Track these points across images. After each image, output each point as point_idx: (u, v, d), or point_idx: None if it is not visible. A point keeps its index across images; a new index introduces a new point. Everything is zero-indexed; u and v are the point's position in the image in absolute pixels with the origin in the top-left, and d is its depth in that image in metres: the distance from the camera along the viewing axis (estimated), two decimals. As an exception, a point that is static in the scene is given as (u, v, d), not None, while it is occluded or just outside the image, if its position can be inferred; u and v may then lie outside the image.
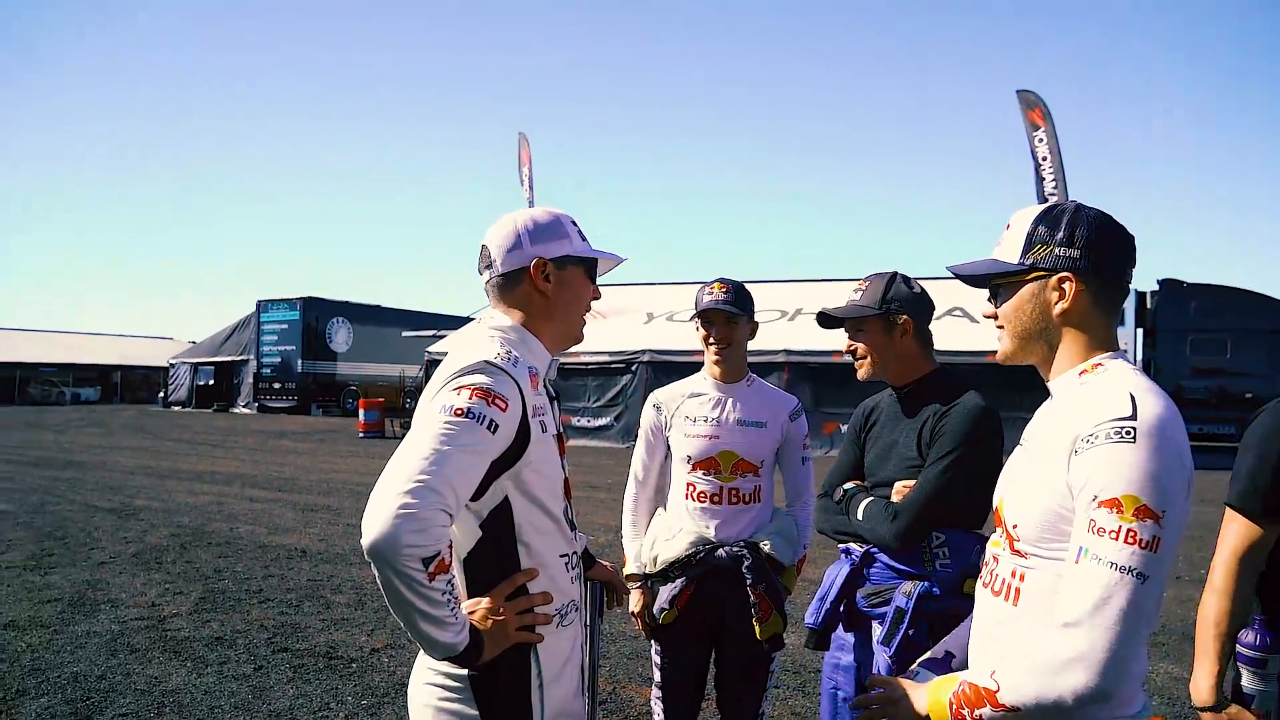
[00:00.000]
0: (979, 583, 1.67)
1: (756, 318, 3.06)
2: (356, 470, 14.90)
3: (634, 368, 19.81)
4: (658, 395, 3.09)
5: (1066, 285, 1.53)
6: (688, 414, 2.98)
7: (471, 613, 1.70)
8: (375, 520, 1.52)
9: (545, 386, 1.86)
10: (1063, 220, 1.55)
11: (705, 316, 2.95)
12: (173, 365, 40.49)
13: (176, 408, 38.43)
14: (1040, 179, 21.38)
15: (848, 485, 2.63)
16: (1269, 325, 19.34)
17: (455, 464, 1.58)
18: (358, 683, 4.62)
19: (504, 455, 1.69)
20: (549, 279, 1.90)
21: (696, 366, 3.13)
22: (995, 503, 1.67)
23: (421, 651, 1.82)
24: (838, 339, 2.76)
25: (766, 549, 2.88)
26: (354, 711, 4.25)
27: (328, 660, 4.95)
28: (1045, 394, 1.64)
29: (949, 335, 16.94)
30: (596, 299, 2.03)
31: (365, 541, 1.53)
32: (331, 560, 7.58)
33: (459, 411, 1.63)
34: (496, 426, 1.65)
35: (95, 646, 5.08)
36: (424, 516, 1.52)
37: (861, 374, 2.61)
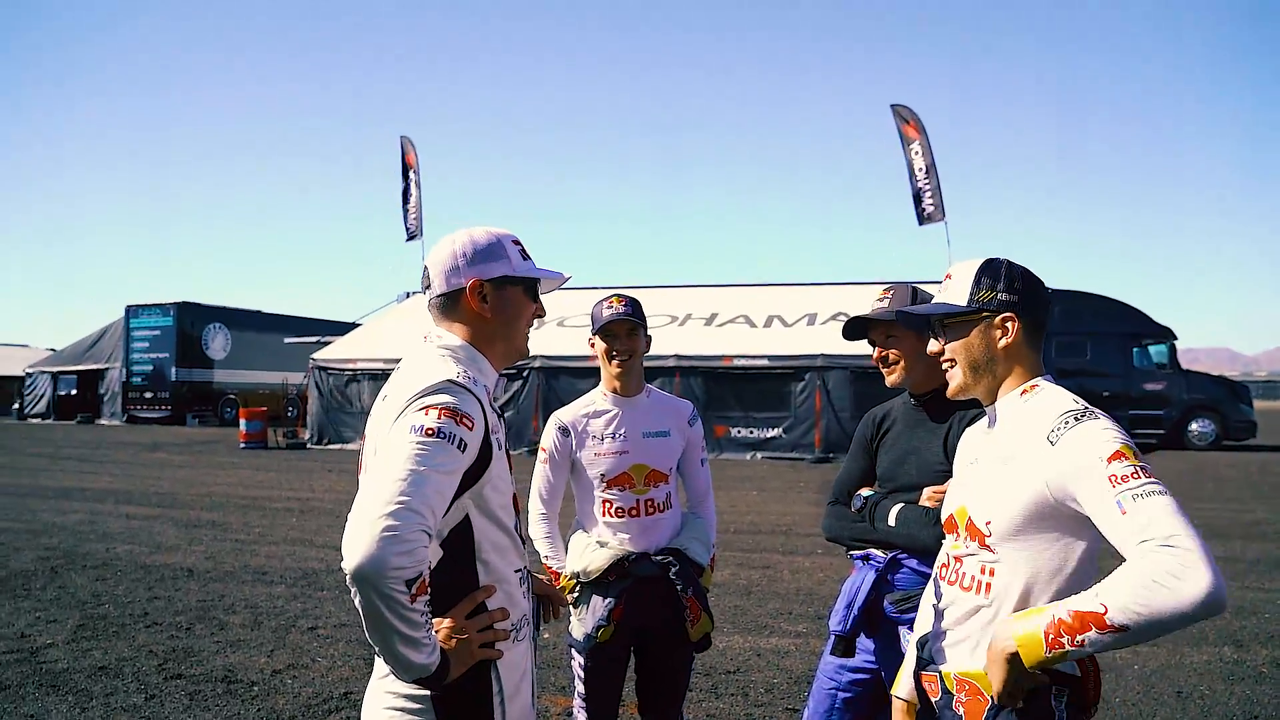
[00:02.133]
0: (939, 581, 1.94)
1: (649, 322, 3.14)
2: (240, 482, 14.26)
3: (525, 374, 19.66)
4: (561, 418, 3.07)
5: (1009, 324, 1.84)
6: (594, 433, 3.01)
7: (435, 632, 1.67)
8: (359, 544, 1.50)
9: (493, 404, 1.86)
10: (1000, 271, 1.87)
11: (608, 330, 2.97)
12: (29, 374, 37.83)
13: (35, 419, 35.94)
14: (917, 189, 22.34)
15: (865, 492, 2.67)
16: (1122, 329, 20.99)
17: (432, 484, 1.58)
18: (260, 706, 4.42)
19: (469, 473, 1.69)
20: (486, 300, 1.91)
21: (587, 372, 3.19)
22: (950, 511, 1.94)
23: (375, 675, 1.79)
24: (725, 344, 2.83)
25: (687, 553, 2.98)
26: (259, 738, 4.07)
27: (226, 685, 4.71)
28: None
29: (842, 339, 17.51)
30: (540, 316, 2.04)
31: (349, 565, 1.50)
32: (222, 579, 7.23)
33: (429, 431, 1.62)
34: (465, 445, 1.66)
35: (-39, 683, 4.69)
36: (408, 538, 1.51)
37: (892, 380, 2.66)
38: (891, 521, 2.52)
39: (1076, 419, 1.66)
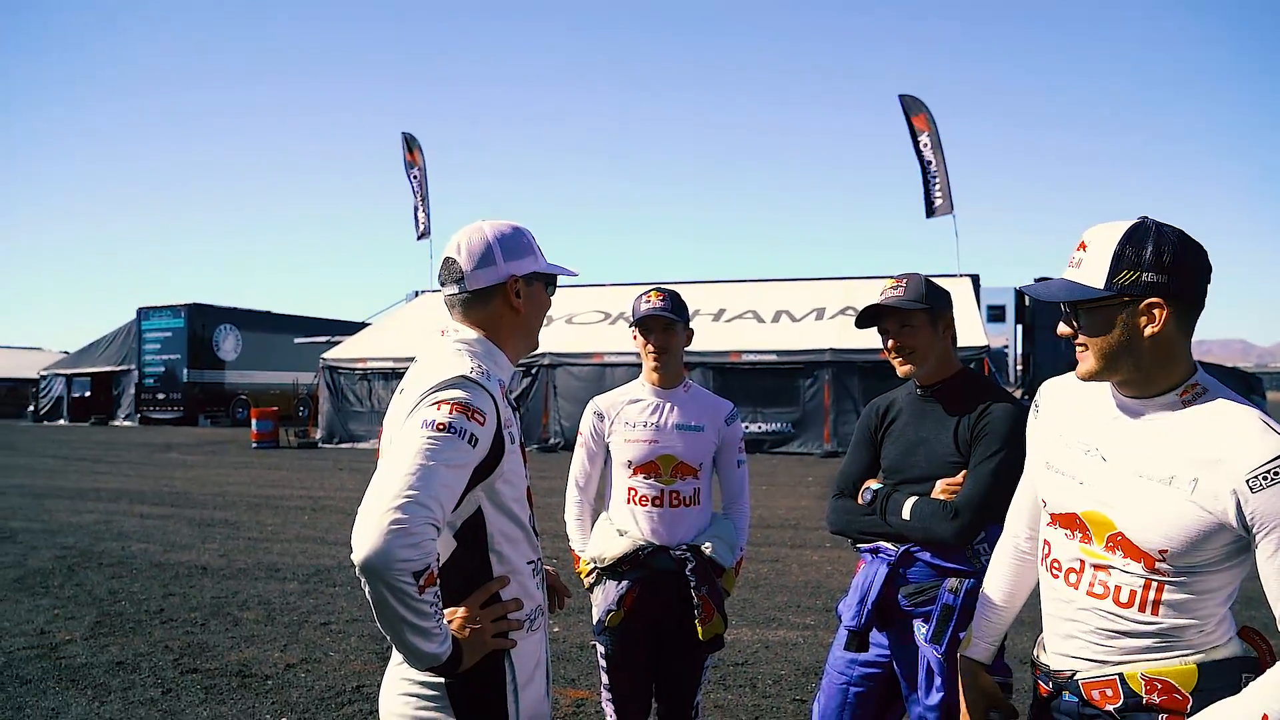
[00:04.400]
0: (1072, 589, 1.74)
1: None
2: (252, 482, 14.35)
3: (534, 370, 19.71)
4: (598, 403, 3.13)
5: (1156, 310, 1.58)
6: (627, 420, 3.04)
7: (449, 622, 1.71)
8: (367, 536, 1.54)
9: (507, 397, 1.89)
10: (1148, 242, 1.58)
11: (644, 324, 3.00)
12: (44, 377, 38.07)
13: (60, 421, 36.15)
14: (927, 181, 22.28)
15: (874, 485, 2.62)
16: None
17: (440, 478, 1.61)
18: (275, 699, 4.48)
19: (480, 467, 1.72)
20: (519, 295, 1.94)
21: (598, 369, 3.22)
22: (1073, 509, 1.74)
23: (392, 664, 1.83)
24: (733, 340, 2.84)
25: (708, 552, 2.97)
26: (274, 731, 4.13)
27: (241, 679, 4.77)
28: None
29: (851, 334, 17.51)
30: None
31: (357, 557, 1.54)
32: (235, 576, 7.30)
33: (440, 426, 1.65)
34: (476, 440, 1.68)
35: (-19, 679, 4.77)
36: (415, 531, 1.54)
37: (904, 371, 2.61)
38: (906, 515, 2.48)
39: None
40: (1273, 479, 1.49)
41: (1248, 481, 1.50)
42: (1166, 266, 1.56)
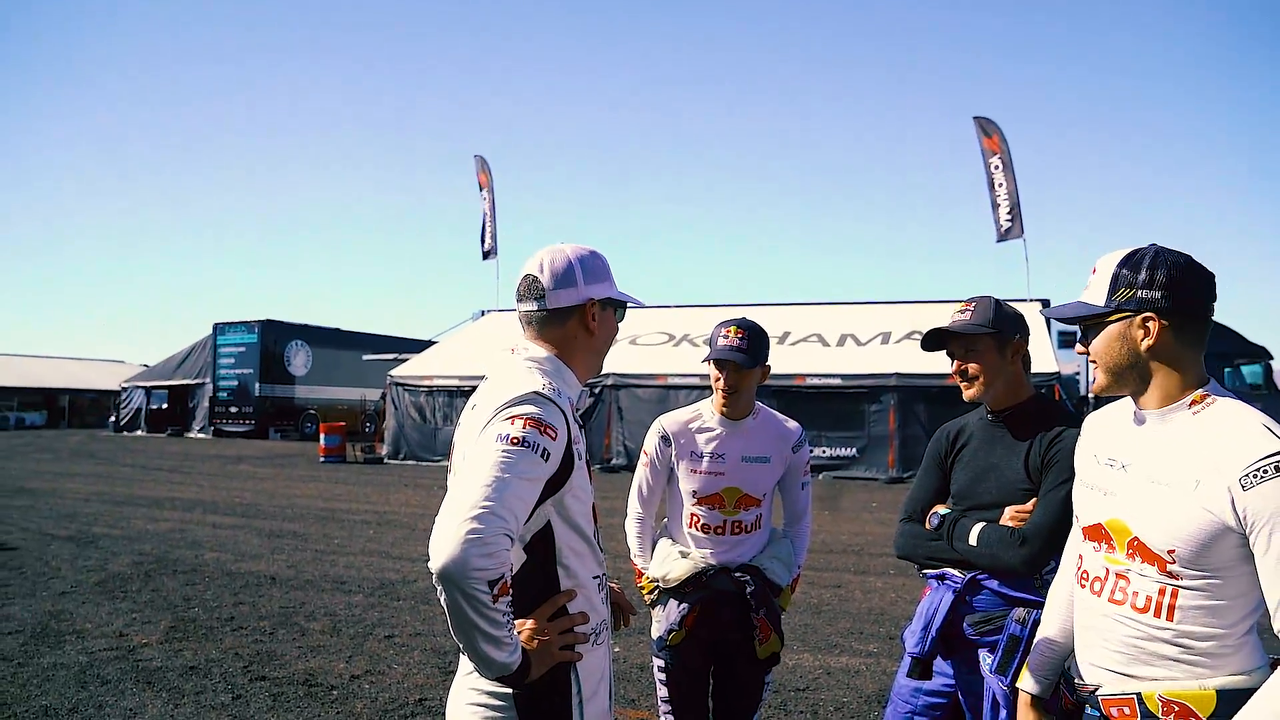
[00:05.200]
0: (1097, 597, 1.80)
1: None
2: (320, 495, 14.69)
3: (598, 391, 19.82)
4: (664, 425, 3.09)
5: (1150, 324, 1.70)
6: (693, 449, 3.02)
7: (518, 633, 1.74)
8: (444, 545, 1.58)
9: (575, 414, 1.92)
10: (1143, 264, 1.71)
11: (719, 362, 2.96)
12: (124, 389, 39.60)
13: (138, 431, 37.52)
14: (995, 205, 21.92)
15: (942, 510, 2.60)
16: (1213, 348, 19.89)
17: (515, 490, 1.65)
18: (340, 709, 4.56)
19: (551, 481, 1.76)
20: (595, 319, 1.98)
21: (662, 390, 3.21)
22: (1097, 519, 1.82)
23: (460, 673, 1.86)
24: (798, 363, 2.80)
25: (766, 574, 2.98)
26: (339, 740, 4.20)
27: (307, 688, 4.87)
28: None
29: (916, 358, 17.24)
30: None
31: (435, 565, 1.58)
32: (302, 587, 7.47)
33: (515, 440, 1.69)
34: (548, 454, 1.72)
35: (64, 679, 4.95)
36: (490, 541, 1.58)
37: (970, 394, 2.60)
38: (973, 541, 2.45)
39: (1277, 470, 1.54)
40: (1261, 476, 1.54)
41: (1240, 480, 1.56)
42: (1161, 284, 1.69)
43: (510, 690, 1.76)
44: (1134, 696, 1.71)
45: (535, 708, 1.78)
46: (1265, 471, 1.54)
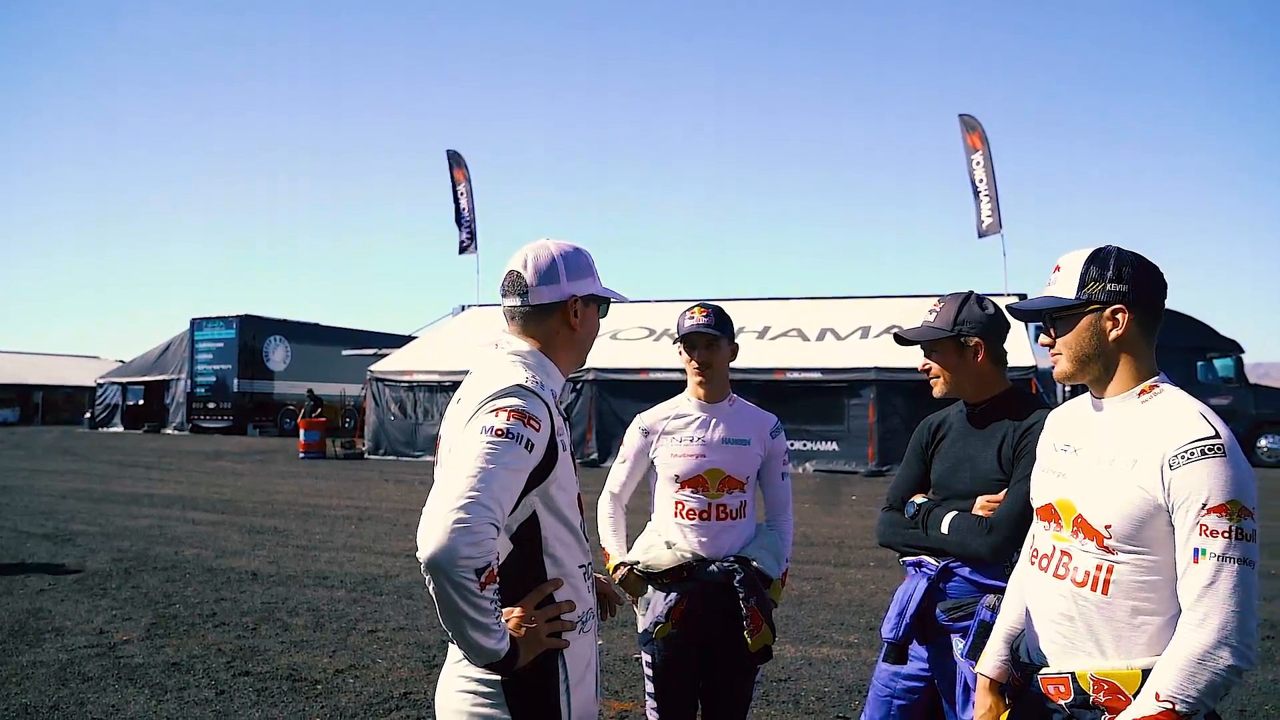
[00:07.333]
0: (1044, 574, 1.92)
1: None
2: (300, 491, 14.61)
3: (579, 386, 19.82)
4: (644, 420, 3.17)
5: (1120, 315, 1.82)
6: (674, 434, 3.07)
7: (506, 620, 1.77)
8: (432, 535, 1.62)
9: (558, 407, 1.95)
10: (1110, 261, 1.85)
11: (688, 340, 3.04)
12: (100, 385, 39.13)
13: (114, 428, 37.13)
14: (978, 201, 22.08)
15: (919, 499, 2.69)
16: (1184, 342, 20.29)
17: (500, 481, 1.69)
18: (325, 704, 4.57)
19: (536, 472, 1.80)
20: (577, 315, 2.02)
21: (642, 385, 3.25)
22: (1048, 500, 1.95)
23: (449, 661, 1.90)
24: (778, 358, 2.87)
25: (755, 563, 2.99)
26: (323, 734, 4.21)
27: (291, 683, 4.88)
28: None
29: (896, 352, 17.36)
30: None
31: (423, 555, 1.62)
32: (284, 582, 7.45)
33: (499, 432, 1.73)
34: (532, 445, 1.77)
35: (44, 676, 4.92)
36: (477, 529, 1.62)
37: (937, 391, 2.71)
38: (944, 529, 2.53)
39: (1203, 454, 1.66)
40: (1189, 458, 1.67)
41: (1169, 460, 1.68)
42: (1128, 279, 1.82)
43: (499, 677, 1.80)
44: (1069, 675, 1.83)
45: (524, 694, 1.82)
46: (1193, 453, 1.66)
